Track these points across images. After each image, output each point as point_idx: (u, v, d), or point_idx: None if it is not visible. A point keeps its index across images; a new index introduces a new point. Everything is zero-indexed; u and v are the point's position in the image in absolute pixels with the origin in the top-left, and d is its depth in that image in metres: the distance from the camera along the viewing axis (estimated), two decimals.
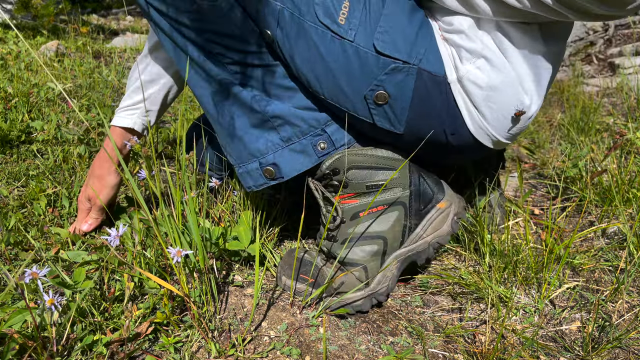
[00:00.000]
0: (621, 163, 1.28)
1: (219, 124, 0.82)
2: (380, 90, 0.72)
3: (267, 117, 0.77)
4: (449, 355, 0.76)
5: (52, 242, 0.96)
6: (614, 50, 3.11)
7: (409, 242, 0.82)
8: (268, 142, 0.79)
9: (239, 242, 0.88)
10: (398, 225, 0.81)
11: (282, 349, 0.72)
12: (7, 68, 2.21)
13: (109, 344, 0.67)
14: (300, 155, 0.79)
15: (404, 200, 0.80)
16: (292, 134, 0.78)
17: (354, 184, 0.79)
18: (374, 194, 0.80)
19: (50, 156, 1.35)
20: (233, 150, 0.83)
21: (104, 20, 6.36)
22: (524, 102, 0.74)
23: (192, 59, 0.77)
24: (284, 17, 0.71)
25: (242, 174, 0.84)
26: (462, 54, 0.72)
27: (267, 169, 0.80)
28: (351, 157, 0.78)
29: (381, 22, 0.70)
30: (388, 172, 0.80)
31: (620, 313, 0.85)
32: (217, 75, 0.77)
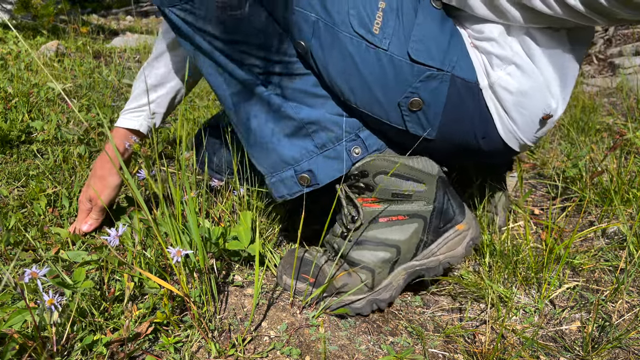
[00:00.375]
0: (621, 163, 1.28)
1: (247, 132, 0.82)
2: (414, 97, 0.74)
3: (301, 123, 0.78)
4: (449, 355, 0.76)
5: (52, 242, 0.96)
6: (614, 50, 3.11)
7: (421, 257, 0.82)
8: (302, 149, 0.79)
9: (238, 242, 0.88)
10: (415, 238, 0.81)
11: (282, 349, 0.72)
12: (7, 68, 2.21)
13: (109, 344, 0.67)
14: (334, 161, 0.79)
15: (425, 214, 0.81)
16: (327, 140, 0.78)
17: (380, 189, 0.80)
18: (397, 202, 0.80)
19: (50, 156, 1.35)
20: (264, 158, 0.83)
21: (104, 20, 6.36)
22: (551, 105, 0.76)
23: (221, 67, 0.77)
24: (319, 28, 0.72)
25: (274, 183, 0.83)
26: (493, 61, 0.74)
27: (303, 176, 0.80)
28: (382, 163, 0.79)
29: (414, 31, 0.72)
30: (416, 184, 0.80)
31: (620, 313, 0.85)
32: (249, 85, 0.77)
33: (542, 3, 0.66)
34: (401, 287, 0.83)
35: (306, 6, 0.72)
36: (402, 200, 0.80)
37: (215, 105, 2.08)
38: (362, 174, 0.79)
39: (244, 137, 0.84)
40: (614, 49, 3.13)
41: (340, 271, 0.83)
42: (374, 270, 0.81)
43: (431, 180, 0.80)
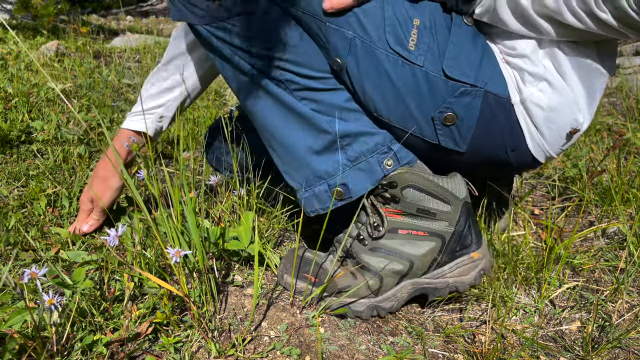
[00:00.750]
0: (621, 163, 1.28)
1: (279, 147, 0.83)
2: (448, 112, 0.75)
3: (336, 137, 0.78)
4: (449, 355, 0.76)
5: (52, 242, 0.96)
6: None
7: (431, 276, 0.82)
8: (335, 162, 0.80)
9: (238, 242, 0.88)
10: (430, 256, 0.81)
11: (282, 349, 0.72)
12: (7, 68, 2.21)
13: (109, 344, 0.67)
14: (367, 174, 0.80)
15: (445, 235, 0.81)
16: (360, 153, 0.79)
17: (406, 202, 0.80)
18: (420, 218, 0.81)
19: (50, 156, 1.35)
20: (296, 173, 0.83)
21: (104, 20, 6.36)
22: (578, 120, 0.78)
23: (255, 83, 0.78)
24: (356, 45, 0.74)
25: (307, 198, 0.84)
26: (525, 77, 0.76)
27: (337, 190, 0.81)
28: (412, 177, 0.79)
29: (448, 48, 0.74)
30: (442, 204, 0.80)
31: (620, 313, 0.85)
32: (283, 101, 0.78)
33: (575, 18, 0.68)
34: (404, 300, 0.83)
35: (343, 24, 0.73)
36: (426, 217, 0.81)
37: (215, 105, 2.08)
38: (390, 185, 0.80)
39: (276, 152, 0.84)
40: None
41: (347, 272, 0.83)
42: (382, 278, 0.81)
43: (457, 204, 0.81)
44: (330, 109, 0.78)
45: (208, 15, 0.75)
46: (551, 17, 0.70)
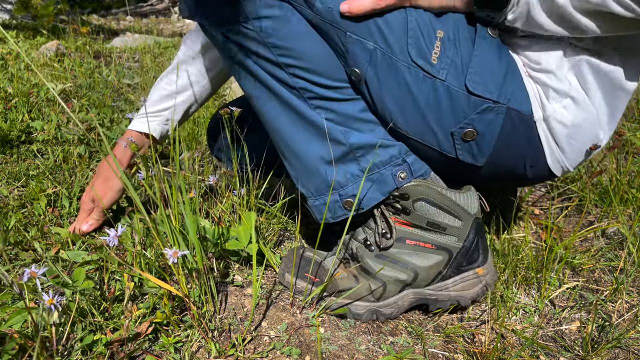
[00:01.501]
0: (620, 163, 1.28)
1: (292, 154, 0.82)
2: (469, 128, 0.74)
3: (350, 148, 0.78)
4: (449, 355, 0.76)
5: (52, 242, 0.96)
6: None
7: (434, 288, 0.82)
8: (347, 173, 0.79)
9: (238, 242, 0.88)
10: (435, 269, 0.81)
11: (282, 348, 0.72)
12: (7, 68, 2.21)
13: (109, 344, 0.67)
14: (379, 185, 0.79)
15: (453, 250, 0.81)
16: (373, 165, 0.78)
17: (417, 215, 0.79)
18: (429, 231, 0.80)
19: (50, 156, 1.35)
20: (308, 181, 0.83)
21: (104, 20, 6.36)
22: (599, 136, 0.77)
23: (270, 91, 0.77)
24: (376, 56, 0.72)
25: (318, 206, 0.83)
26: (550, 93, 0.74)
27: (348, 200, 0.80)
28: (425, 190, 0.78)
29: (472, 62, 0.72)
30: (453, 219, 0.80)
31: (620, 313, 0.85)
32: (298, 109, 0.77)
33: (621, 6, 0.63)
34: (405, 308, 0.83)
35: (364, 34, 0.71)
36: (435, 231, 0.80)
37: (214, 105, 2.08)
38: (402, 196, 0.79)
39: (287, 159, 0.84)
40: None
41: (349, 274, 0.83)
42: (385, 285, 0.81)
43: (468, 219, 0.80)
44: (345, 119, 0.77)
45: (223, 17, 0.73)
46: (594, 10, 0.65)
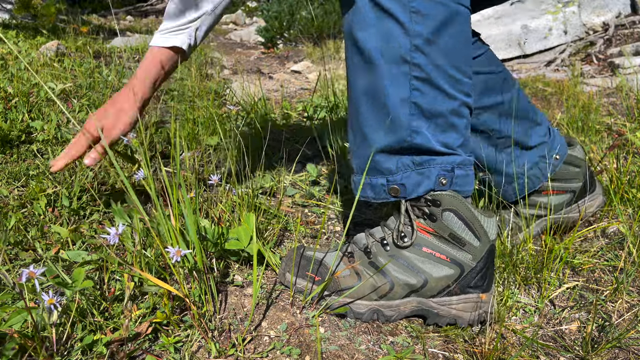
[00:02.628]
0: (620, 163, 1.28)
1: (359, 129, 0.82)
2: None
3: (412, 151, 0.78)
4: (449, 355, 0.76)
5: (52, 241, 0.96)
6: (614, 50, 3.11)
7: (438, 301, 0.82)
8: (399, 163, 0.80)
9: (238, 242, 0.88)
10: (445, 281, 0.81)
11: (282, 348, 0.72)
12: (7, 68, 2.21)
13: (109, 343, 0.67)
14: (424, 180, 0.80)
15: (465, 268, 0.81)
16: (425, 161, 0.79)
17: (442, 224, 0.80)
18: (449, 243, 0.81)
19: (50, 156, 1.35)
20: (361, 159, 0.83)
21: (104, 20, 6.36)
22: None
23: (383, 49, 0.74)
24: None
25: (365, 184, 0.84)
26: None
27: (394, 187, 0.81)
28: (456, 202, 0.79)
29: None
30: (473, 238, 0.80)
31: (620, 313, 0.85)
32: (393, 85, 0.76)
33: None
34: (405, 315, 0.83)
35: None
36: (454, 245, 0.81)
37: (214, 105, 2.08)
38: (434, 202, 0.79)
39: (352, 129, 0.84)
40: (614, 49, 3.13)
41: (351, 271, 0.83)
42: (393, 285, 0.81)
43: (486, 242, 0.81)
44: (432, 112, 0.77)
45: None
46: None
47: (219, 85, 2.41)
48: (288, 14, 4.60)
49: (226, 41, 5.55)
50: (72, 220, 1.06)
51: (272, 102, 2.21)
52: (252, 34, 5.63)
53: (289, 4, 4.61)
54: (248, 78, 2.75)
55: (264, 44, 4.76)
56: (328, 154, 1.54)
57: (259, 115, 1.89)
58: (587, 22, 3.66)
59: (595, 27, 3.62)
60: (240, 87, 2.17)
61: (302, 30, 4.54)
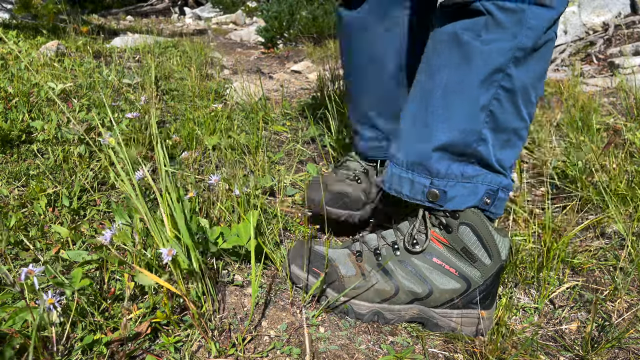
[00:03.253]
0: (620, 163, 1.28)
1: (422, 119, 0.79)
2: None
3: (476, 159, 0.78)
4: (449, 355, 0.76)
5: (52, 241, 0.96)
6: (613, 50, 3.11)
7: (440, 312, 0.82)
8: (450, 169, 0.78)
9: (237, 238, 0.88)
10: (449, 294, 0.81)
11: (282, 348, 0.72)
12: (7, 68, 2.21)
13: (109, 343, 0.67)
14: (470, 195, 0.79)
15: (472, 284, 0.81)
16: (476, 175, 0.79)
17: (457, 237, 0.79)
18: (460, 257, 0.80)
19: (50, 156, 1.35)
20: (412, 151, 0.81)
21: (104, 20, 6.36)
22: None
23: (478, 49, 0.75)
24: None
25: (402, 178, 0.82)
26: None
27: (434, 192, 0.79)
28: (474, 218, 0.79)
29: None
30: (485, 256, 0.80)
31: (620, 312, 0.86)
32: (482, 91, 0.76)
33: None
34: (404, 320, 0.83)
35: None
36: (465, 260, 0.80)
37: (215, 104, 2.08)
38: (453, 214, 0.79)
39: (411, 116, 0.82)
40: (614, 49, 3.13)
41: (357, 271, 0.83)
42: (398, 291, 0.81)
43: (497, 261, 0.80)
44: (501, 126, 0.77)
45: None
46: None
47: (219, 85, 2.41)
48: (288, 14, 4.60)
49: (226, 41, 5.55)
50: (73, 220, 1.07)
51: (272, 102, 2.21)
52: (252, 34, 5.63)
53: (289, 4, 4.61)
54: (248, 78, 2.75)
55: (264, 44, 4.76)
56: (328, 153, 1.54)
57: (259, 115, 1.89)
58: (587, 22, 3.66)
59: (595, 27, 3.62)
60: (240, 87, 2.17)
61: (302, 30, 4.54)
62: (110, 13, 8.34)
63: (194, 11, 9.79)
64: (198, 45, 3.69)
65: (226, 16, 8.20)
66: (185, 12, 9.88)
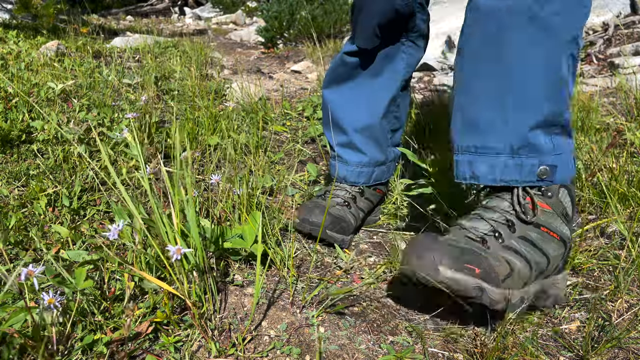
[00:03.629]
0: (620, 163, 1.28)
1: (517, 98, 0.79)
2: None
3: (562, 122, 0.80)
4: (449, 354, 0.76)
5: (52, 241, 0.96)
6: (613, 50, 3.11)
7: (551, 280, 0.81)
8: (551, 142, 0.79)
9: (240, 240, 0.88)
10: (557, 261, 0.80)
11: (282, 348, 0.72)
12: (8, 68, 2.21)
13: (109, 343, 0.67)
14: (569, 165, 0.81)
15: (568, 244, 0.82)
16: (567, 142, 0.81)
17: (558, 201, 0.81)
18: (560, 220, 0.80)
19: (50, 156, 1.35)
20: (509, 134, 0.79)
21: (104, 20, 6.36)
22: None
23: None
24: None
25: (509, 166, 0.80)
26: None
27: (545, 168, 0.78)
28: (569, 182, 0.82)
29: None
30: (574, 216, 0.83)
31: (620, 312, 0.86)
32: (564, 71, 0.78)
33: None
34: (528, 302, 0.77)
35: None
36: (563, 222, 0.80)
37: (214, 105, 2.08)
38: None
39: (501, 108, 0.81)
40: (614, 49, 3.13)
41: (502, 260, 0.75)
42: (531, 269, 0.77)
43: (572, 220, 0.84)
44: (570, 96, 0.80)
45: None
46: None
47: (219, 85, 2.41)
48: (288, 14, 4.60)
49: (226, 41, 5.55)
50: (73, 220, 1.07)
51: (272, 102, 2.21)
52: (252, 34, 5.63)
53: (289, 4, 4.61)
54: (248, 78, 2.75)
55: (264, 44, 4.76)
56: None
57: (260, 115, 1.89)
58: (587, 22, 3.66)
59: (595, 27, 3.62)
60: (240, 87, 2.17)
61: (302, 30, 4.54)
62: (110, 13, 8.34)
63: (194, 11, 9.80)
64: (198, 45, 3.70)
65: (226, 16, 8.20)
66: (185, 12, 9.89)
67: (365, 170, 1.16)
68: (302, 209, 1.07)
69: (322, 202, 1.09)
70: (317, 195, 1.17)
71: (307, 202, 1.10)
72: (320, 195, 1.16)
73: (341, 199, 1.13)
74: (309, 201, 1.11)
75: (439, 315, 0.86)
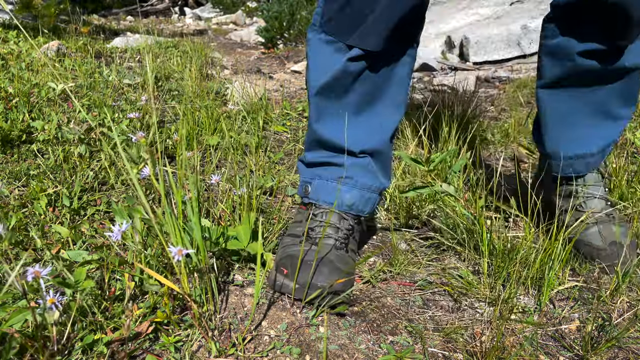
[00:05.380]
0: (619, 163, 1.28)
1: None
2: None
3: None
4: (449, 354, 0.76)
5: (52, 241, 0.96)
6: None
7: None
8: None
9: (238, 242, 0.88)
10: None
11: (282, 348, 0.72)
12: (8, 68, 2.21)
13: (109, 343, 0.67)
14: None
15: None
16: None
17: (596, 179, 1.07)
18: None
19: (50, 156, 1.35)
20: (598, 131, 1.05)
21: (105, 20, 6.36)
22: None
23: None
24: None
25: (591, 156, 1.06)
26: None
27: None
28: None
29: None
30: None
31: (620, 312, 0.86)
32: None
33: None
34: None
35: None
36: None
37: (215, 105, 2.08)
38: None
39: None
40: None
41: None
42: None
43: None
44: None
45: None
46: None
47: (220, 85, 2.41)
48: (288, 14, 4.60)
49: (226, 41, 5.55)
50: (73, 220, 1.07)
51: (272, 102, 2.21)
52: (252, 34, 5.63)
53: (289, 4, 4.62)
54: (248, 78, 2.75)
55: (264, 44, 4.76)
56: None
57: (260, 115, 1.89)
58: None
59: None
60: (240, 87, 2.17)
61: (302, 31, 4.54)
62: (111, 13, 8.35)
63: (194, 11, 9.80)
64: (198, 46, 3.70)
65: (226, 16, 8.21)
66: (186, 12, 9.89)
67: (374, 196, 0.97)
68: (302, 264, 0.82)
69: (310, 253, 0.85)
70: (299, 235, 0.92)
71: (291, 251, 0.87)
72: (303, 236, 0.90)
73: (334, 239, 0.90)
74: (292, 250, 0.88)
75: (439, 315, 0.86)
